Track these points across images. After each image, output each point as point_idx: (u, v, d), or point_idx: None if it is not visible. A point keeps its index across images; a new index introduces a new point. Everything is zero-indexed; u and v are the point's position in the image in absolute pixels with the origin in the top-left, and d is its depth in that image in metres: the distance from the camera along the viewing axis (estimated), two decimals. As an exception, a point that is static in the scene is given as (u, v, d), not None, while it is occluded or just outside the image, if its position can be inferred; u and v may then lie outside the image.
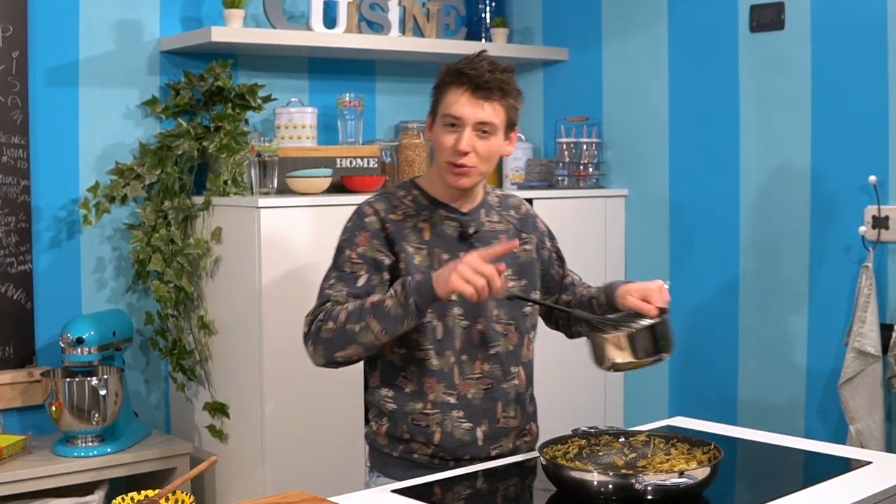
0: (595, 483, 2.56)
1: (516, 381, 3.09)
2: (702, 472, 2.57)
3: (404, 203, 3.04)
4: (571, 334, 3.30)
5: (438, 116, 2.97)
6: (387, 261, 2.96)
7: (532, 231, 3.20)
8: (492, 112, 2.91)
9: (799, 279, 4.54)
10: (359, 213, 3.03)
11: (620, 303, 3.00)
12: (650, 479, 2.51)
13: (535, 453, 3.05)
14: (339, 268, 2.98)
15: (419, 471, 2.96)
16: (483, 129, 2.91)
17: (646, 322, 2.88)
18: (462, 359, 2.99)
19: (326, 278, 2.99)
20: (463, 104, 2.90)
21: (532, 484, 2.90)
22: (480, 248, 2.99)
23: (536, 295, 3.14)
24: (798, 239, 4.53)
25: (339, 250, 3.01)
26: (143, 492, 2.39)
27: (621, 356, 2.85)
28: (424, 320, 2.93)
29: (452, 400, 2.99)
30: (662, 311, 2.93)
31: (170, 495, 2.38)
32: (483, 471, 2.95)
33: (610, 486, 2.54)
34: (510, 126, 3.00)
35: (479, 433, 3.01)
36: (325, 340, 2.88)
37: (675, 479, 2.52)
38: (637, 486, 2.50)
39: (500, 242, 3.04)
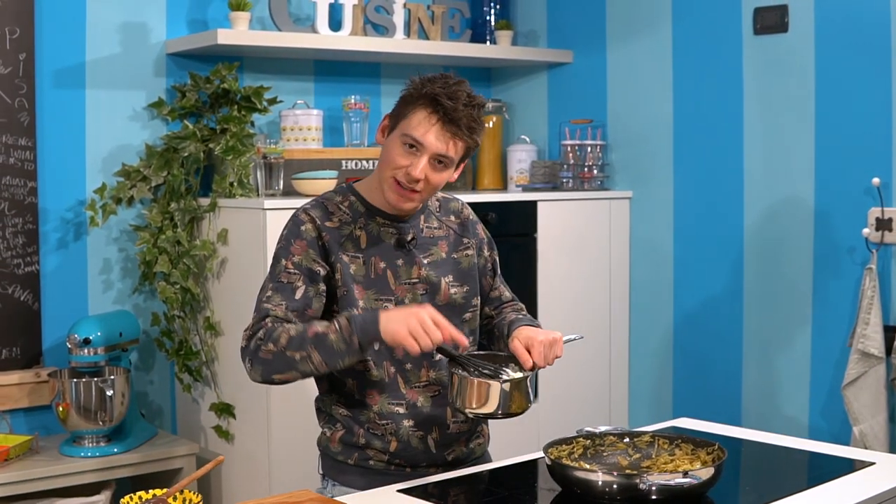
0: (600, 483, 2.57)
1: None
2: (706, 473, 2.58)
3: (340, 209, 2.95)
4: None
5: (399, 130, 2.85)
6: (322, 271, 2.87)
7: (473, 236, 3.11)
8: (454, 148, 2.84)
9: (803, 281, 4.55)
10: (294, 221, 2.94)
11: (509, 343, 2.93)
12: (655, 479, 2.52)
13: (539, 453, 3.07)
14: (276, 278, 2.88)
15: (376, 477, 2.92)
16: (440, 160, 2.83)
17: (502, 377, 2.80)
18: (406, 367, 2.93)
19: (263, 289, 2.90)
20: (430, 134, 2.81)
21: (536, 484, 2.91)
22: (419, 255, 2.96)
23: (477, 300, 3.07)
24: (802, 241, 4.54)
25: (276, 259, 2.92)
26: (150, 491, 2.40)
27: (474, 404, 2.78)
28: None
29: (401, 410, 2.93)
30: (536, 367, 2.87)
31: (177, 494, 2.39)
32: (488, 471, 2.97)
33: (615, 486, 2.56)
34: (463, 159, 2.92)
35: (430, 441, 2.96)
36: (264, 361, 2.79)
37: (679, 479, 2.53)
38: (641, 485, 2.52)
39: (440, 248, 3.01)
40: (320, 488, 3.05)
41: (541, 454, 3.05)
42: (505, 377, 2.81)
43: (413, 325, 2.68)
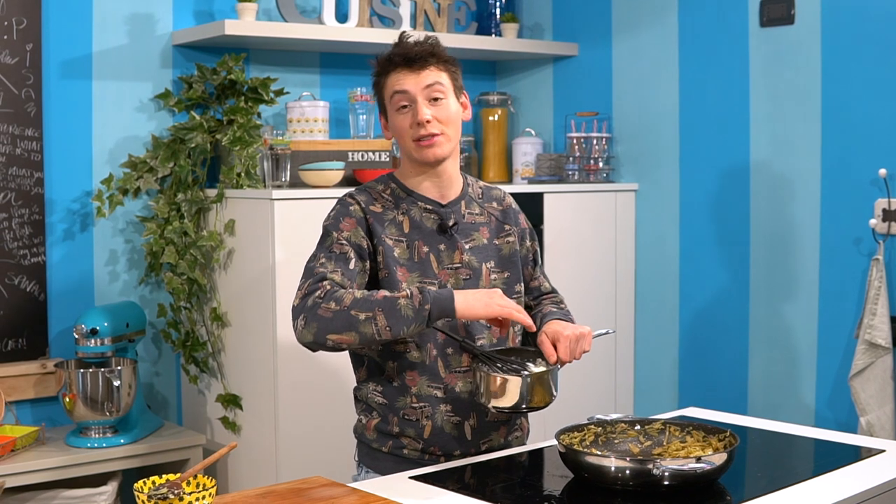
0: (613, 469, 2.57)
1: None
2: (719, 458, 2.58)
3: (383, 196, 3.01)
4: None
5: (388, 105, 2.98)
6: (368, 249, 2.93)
7: (515, 224, 3.16)
8: (434, 75, 2.93)
9: (809, 272, 4.55)
10: (342, 203, 3.00)
11: (538, 336, 2.99)
12: (668, 465, 2.52)
13: (547, 442, 3.08)
14: (329, 248, 2.89)
15: (408, 466, 2.94)
16: (433, 95, 2.93)
17: (523, 372, 2.84)
18: (447, 352, 2.96)
19: (314, 258, 2.90)
20: (404, 80, 2.92)
21: (548, 471, 2.91)
22: (460, 240, 3.01)
23: (520, 287, 3.11)
24: (808, 232, 4.54)
25: (325, 233, 2.94)
26: (164, 476, 2.40)
27: (495, 399, 2.83)
28: None
29: (439, 394, 2.95)
30: (560, 363, 2.91)
31: (191, 479, 2.39)
32: (498, 458, 2.97)
33: (627, 472, 2.56)
34: (458, 89, 3.01)
35: (468, 427, 2.98)
36: (321, 318, 2.75)
37: (692, 465, 2.53)
38: (655, 471, 2.52)
39: (481, 234, 3.05)
40: (355, 475, 3.09)
41: (548, 443, 3.07)
42: (525, 372, 2.84)
43: (494, 302, 2.80)
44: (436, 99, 2.93)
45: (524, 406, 2.83)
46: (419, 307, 2.74)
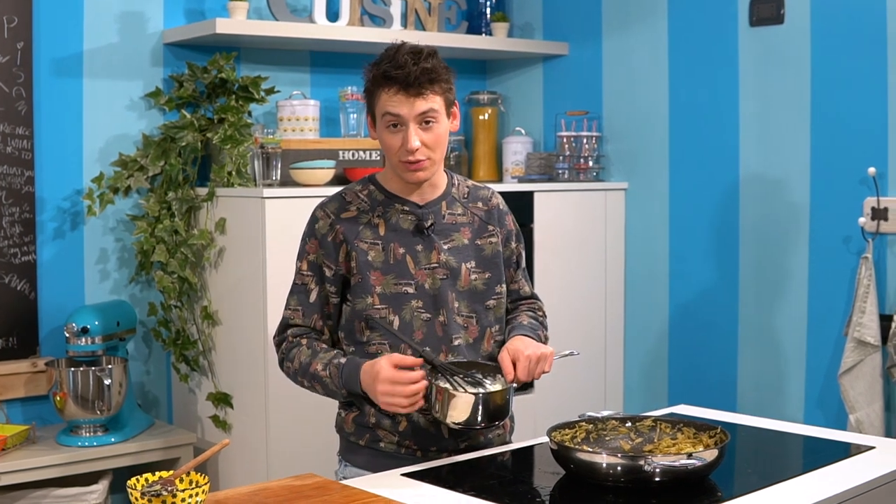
0: (604, 465, 2.58)
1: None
2: (710, 455, 2.59)
3: (359, 198, 3.01)
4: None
5: (378, 117, 2.93)
6: (328, 272, 2.97)
7: (499, 225, 3.14)
8: (430, 102, 2.88)
9: (799, 271, 4.57)
10: (312, 218, 3.03)
11: (500, 352, 2.98)
12: (659, 461, 2.53)
13: (537, 440, 3.08)
14: (295, 280, 3.04)
15: (385, 460, 2.95)
16: (425, 120, 2.89)
17: (471, 390, 2.82)
18: (425, 350, 2.94)
19: (291, 288, 3.06)
20: (397, 105, 2.87)
21: (539, 467, 2.92)
22: (438, 240, 3.00)
23: (501, 288, 3.10)
24: (798, 231, 4.56)
25: (297, 259, 3.06)
26: (157, 473, 2.41)
27: (450, 414, 2.81)
28: (378, 316, 2.93)
29: None
30: (517, 381, 2.90)
31: (184, 476, 2.40)
32: (488, 455, 2.98)
33: (619, 468, 2.57)
34: (450, 105, 2.97)
35: (443, 426, 2.96)
36: (289, 375, 3.04)
37: (683, 461, 2.54)
38: (646, 467, 2.52)
39: (462, 235, 3.04)
40: (337, 469, 3.10)
41: (539, 440, 3.08)
42: (482, 390, 2.84)
43: (384, 401, 2.81)
44: (427, 122, 2.90)
45: (478, 423, 2.82)
46: (339, 387, 2.91)
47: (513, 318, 3.16)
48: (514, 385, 2.90)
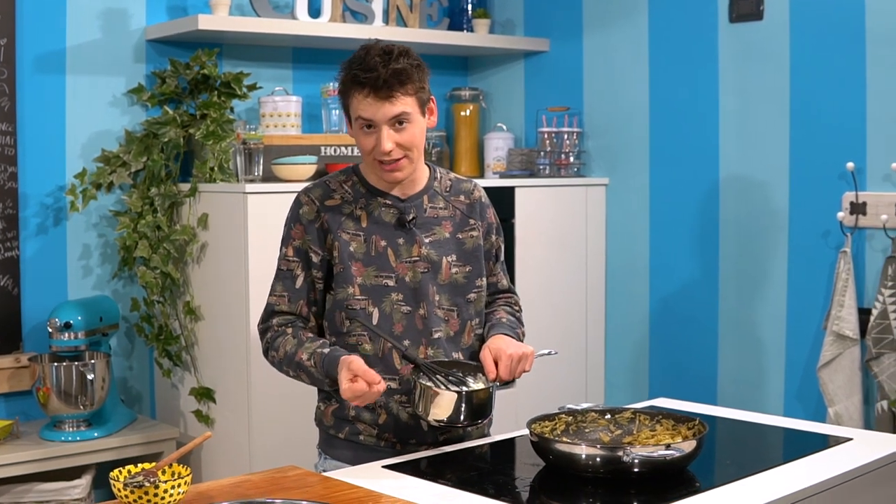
0: (584, 456, 2.61)
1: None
2: (688, 446, 2.62)
3: (343, 188, 3.02)
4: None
5: (353, 119, 2.93)
6: (315, 258, 2.97)
7: (480, 218, 3.15)
8: (400, 106, 2.87)
9: (778, 265, 4.60)
10: (295, 203, 3.04)
11: (481, 350, 3.00)
12: (638, 452, 2.55)
13: (518, 433, 3.11)
14: (280, 266, 3.04)
15: (365, 453, 2.97)
16: (398, 121, 2.88)
17: (454, 388, 2.85)
18: (404, 344, 2.96)
19: (275, 274, 3.06)
20: (370, 108, 2.86)
21: (520, 459, 2.94)
22: (419, 233, 3.01)
23: (482, 281, 3.11)
24: (777, 225, 4.58)
25: (281, 244, 3.05)
26: (139, 465, 2.42)
27: (432, 411, 2.83)
28: (358, 307, 2.95)
29: (394, 385, 2.96)
30: (499, 380, 2.92)
31: (166, 468, 2.41)
32: (469, 448, 3.00)
33: (598, 459, 2.59)
34: (424, 103, 2.96)
35: (423, 420, 2.96)
36: (272, 363, 3.05)
37: (662, 452, 2.57)
38: (625, 458, 2.55)
39: (443, 228, 3.05)
40: (317, 461, 3.11)
41: (519, 433, 3.10)
42: (465, 388, 2.87)
43: (346, 392, 2.80)
44: (400, 122, 2.89)
45: (460, 421, 2.84)
46: (323, 375, 2.90)
47: (491, 313, 3.18)
48: (497, 384, 2.92)
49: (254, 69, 4.79)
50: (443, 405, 2.82)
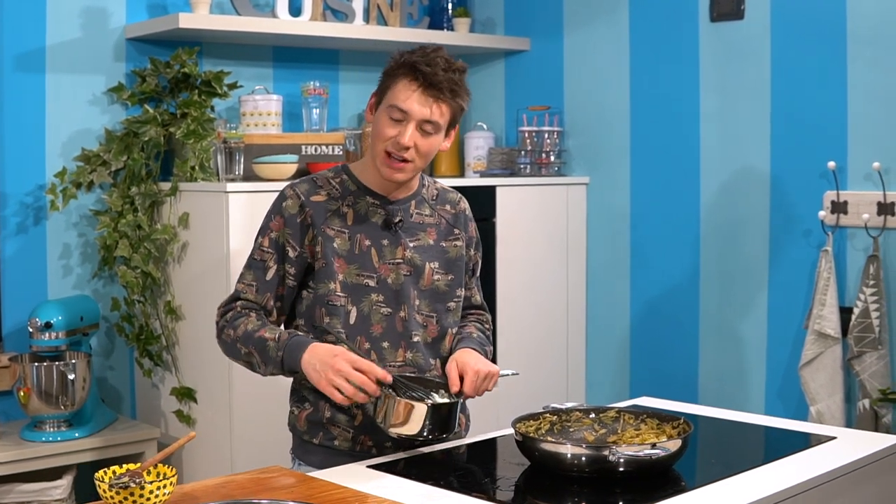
0: (569, 456, 2.61)
1: (436, 373, 3.02)
2: (674, 445, 2.62)
3: (331, 184, 3.01)
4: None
5: (384, 104, 2.92)
6: (291, 252, 2.95)
7: (464, 230, 3.15)
8: (439, 112, 2.88)
9: (759, 264, 4.61)
10: (280, 196, 3.01)
11: (447, 363, 2.98)
12: (623, 451, 2.55)
13: (499, 432, 3.12)
14: (253, 254, 3.01)
15: (340, 459, 2.93)
16: (427, 127, 2.88)
17: (427, 401, 2.83)
18: (383, 346, 2.95)
19: (246, 263, 3.03)
20: (412, 100, 2.86)
21: (505, 458, 2.94)
22: (404, 237, 3.00)
23: (461, 292, 3.10)
24: (758, 224, 4.60)
25: (258, 233, 3.02)
26: (124, 465, 2.41)
27: (396, 425, 2.78)
28: (338, 304, 2.93)
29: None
30: (462, 395, 2.89)
31: (151, 468, 2.40)
32: (453, 448, 2.99)
33: (583, 459, 2.59)
34: (452, 124, 2.96)
35: None
36: (224, 343, 3.00)
37: (647, 451, 2.57)
38: (611, 457, 2.55)
39: (428, 235, 3.04)
40: (291, 467, 3.06)
41: (502, 432, 3.10)
42: (430, 401, 2.84)
43: (332, 377, 2.76)
44: (427, 130, 2.88)
45: (423, 434, 2.79)
46: (276, 353, 2.86)
47: (462, 327, 3.16)
48: (460, 399, 2.88)
49: (234, 68, 4.78)
50: (409, 418, 2.76)
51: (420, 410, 2.77)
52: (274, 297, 2.98)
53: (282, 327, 2.96)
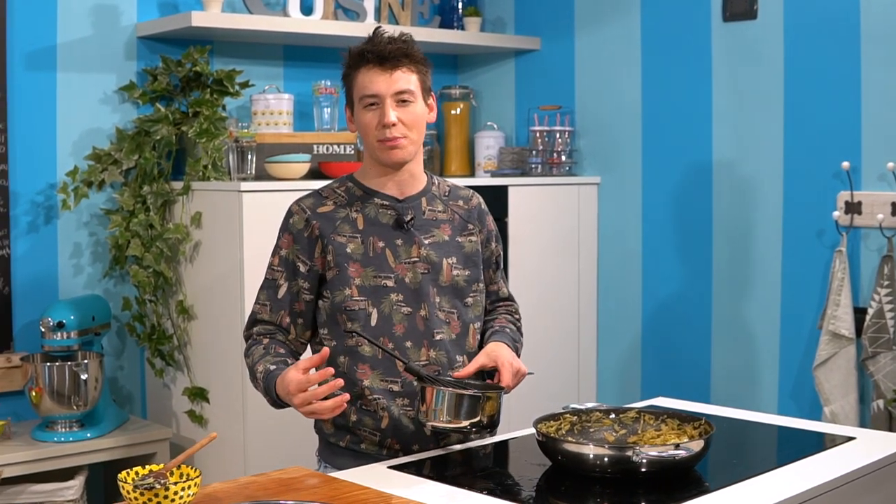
0: (591, 456, 2.60)
1: (460, 370, 3.00)
2: (697, 445, 2.61)
3: (336, 193, 3.03)
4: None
5: (356, 102, 2.96)
6: (302, 268, 2.97)
7: (480, 225, 3.15)
8: (405, 79, 2.93)
9: (772, 264, 4.60)
10: (287, 213, 3.04)
11: (479, 355, 2.98)
12: (647, 452, 2.54)
13: (514, 433, 3.11)
14: (266, 275, 3.06)
15: (367, 462, 2.91)
16: (401, 98, 2.92)
17: (471, 391, 2.79)
18: (406, 345, 2.95)
19: (262, 283, 3.07)
20: (374, 81, 2.91)
21: (525, 458, 2.92)
22: (418, 234, 3.00)
23: (480, 286, 3.10)
24: (771, 224, 4.59)
25: (271, 254, 3.07)
26: (147, 466, 2.41)
27: (440, 416, 2.77)
28: (357, 308, 2.93)
29: (395, 388, 2.94)
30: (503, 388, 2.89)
31: (175, 469, 2.40)
32: (473, 448, 2.99)
33: (606, 459, 2.58)
34: (426, 91, 3.01)
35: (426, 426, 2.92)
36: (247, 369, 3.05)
37: (671, 451, 2.56)
38: (634, 458, 2.54)
39: (442, 231, 3.04)
40: (316, 469, 3.05)
41: (521, 433, 3.10)
42: (479, 391, 2.81)
43: (304, 411, 2.78)
44: (404, 101, 2.93)
45: (473, 428, 2.79)
46: (266, 393, 2.92)
47: (493, 319, 3.17)
48: (505, 392, 2.89)
49: (245, 66, 4.77)
50: (457, 409, 2.76)
51: (474, 401, 2.76)
52: (289, 315, 3.01)
53: (271, 359, 2.94)
